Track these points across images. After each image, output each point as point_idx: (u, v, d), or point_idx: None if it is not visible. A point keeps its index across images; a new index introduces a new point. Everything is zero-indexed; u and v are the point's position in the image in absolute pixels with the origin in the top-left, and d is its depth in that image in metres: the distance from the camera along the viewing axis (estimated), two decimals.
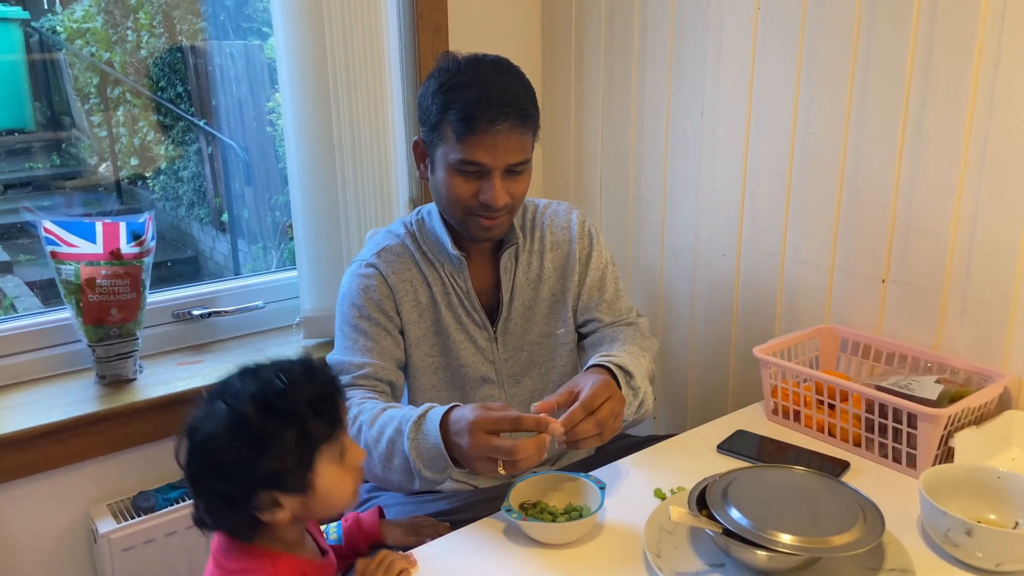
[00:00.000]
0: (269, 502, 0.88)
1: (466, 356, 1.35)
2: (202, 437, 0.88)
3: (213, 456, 0.87)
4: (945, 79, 1.30)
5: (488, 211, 1.24)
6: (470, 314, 1.35)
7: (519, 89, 1.24)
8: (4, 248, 2.24)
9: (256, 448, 0.86)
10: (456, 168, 1.23)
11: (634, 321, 1.45)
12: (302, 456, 0.89)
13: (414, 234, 1.36)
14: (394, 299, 1.32)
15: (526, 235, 1.39)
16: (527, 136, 1.24)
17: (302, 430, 0.88)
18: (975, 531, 0.96)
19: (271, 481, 0.87)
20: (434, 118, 1.23)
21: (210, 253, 2.59)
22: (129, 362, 1.64)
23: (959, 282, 1.34)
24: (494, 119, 1.18)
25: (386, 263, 1.33)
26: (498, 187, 1.22)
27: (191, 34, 2.23)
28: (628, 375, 1.23)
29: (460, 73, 1.22)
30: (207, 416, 0.89)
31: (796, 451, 1.28)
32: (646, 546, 0.99)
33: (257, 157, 2.31)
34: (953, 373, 1.32)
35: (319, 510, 0.93)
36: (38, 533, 1.57)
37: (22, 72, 2.22)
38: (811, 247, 1.55)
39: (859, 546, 0.92)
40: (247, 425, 0.87)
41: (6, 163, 2.31)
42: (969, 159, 1.29)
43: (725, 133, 1.66)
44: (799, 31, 1.49)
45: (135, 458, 1.63)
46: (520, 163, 1.24)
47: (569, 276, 1.40)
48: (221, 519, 0.91)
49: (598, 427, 1.10)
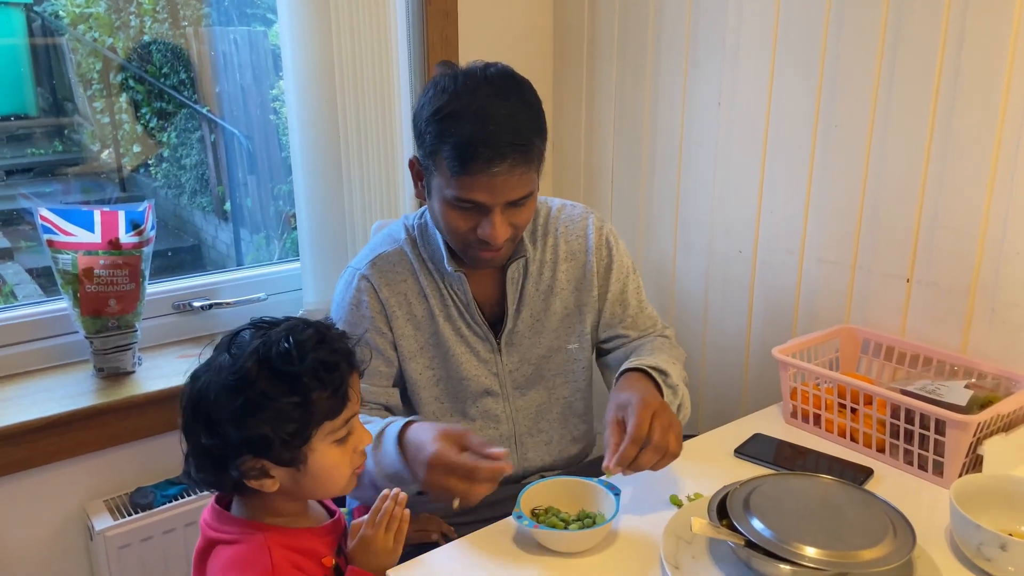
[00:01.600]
0: (256, 469, 0.85)
1: (467, 369, 1.28)
2: (199, 386, 0.85)
3: (205, 408, 0.84)
4: (978, 70, 1.25)
5: (487, 246, 1.16)
6: (471, 326, 1.28)
7: (522, 117, 1.12)
8: (5, 235, 2.21)
9: (250, 409, 0.82)
10: (451, 204, 1.14)
11: (661, 334, 1.38)
12: (299, 428, 0.84)
13: (415, 239, 1.28)
14: (385, 314, 1.25)
15: (537, 243, 1.31)
16: (530, 171, 1.13)
17: (303, 399, 0.84)
18: (1010, 545, 0.91)
19: (259, 447, 0.84)
20: (428, 145, 1.13)
21: (212, 242, 2.57)
22: (128, 354, 1.61)
23: (988, 283, 1.29)
24: (491, 159, 1.08)
25: (379, 273, 1.25)
26: (498, 224, 1.13)
27: (195, 20, 2.20)
28: (664, 374, 1.18)
29: (456, 97, 1.10)
30: (210, 365, 0.86)
31: (816, 456, 1.24)
32: (664, 557, 0.95)
33: (260, 145, 2.28)
34: (980, 377, 1.27)
35: (310, 489, 0.90)
36: (33, 530, 1.54)
37: (24, 57, 2.19)
38: (832, 244, 1.50)
39: (888, 561, 0.87)
40: (245, 383, 0.83)
41: (8, 149, 2.29)
42: (1001, 155, 1.24)
43: (743, 125, 1.61)
44: (823, 17, 1.43)
45: (133, 453, 1.60)
46: (523, 197, 1.14)
47: (586, 291, 1.32)
48: (205, 475, 0.87)
49: (659, 454, 1.04)
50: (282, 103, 2.16)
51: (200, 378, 0.86)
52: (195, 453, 0.87)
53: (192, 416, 0.86)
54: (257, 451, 0.84)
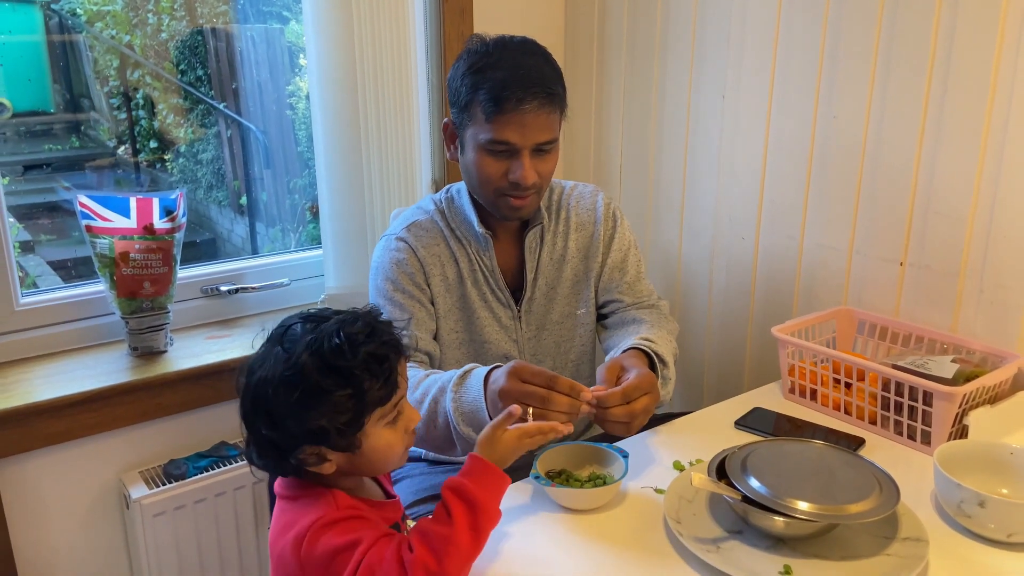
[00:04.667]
0: (315, 455, 0.88)
1: (490, 333, 1.38)
2: (257, 379, 0.87)
3: (265, 401, 0.87)
4: (966, 65, 1.32)
5: (517, 190, 1.27)
6: (495, 292, 1.38)
7: (547, 69, 1.26)
8: (26, 228, 2.27)
9: (307, 403, 0.85)
10: (486, 148, 1.26)
11: (655, 304, 1.48)
12: (353, 417, 0.87)
13: (443, 211, 1.39)
14: (424, 272, 1.35)
15: (551, 216, 1.42)
16: (555, 115, 1.27)
17: (356, 391, 0.87)
18: (988, 502, 0.99)
19: (317, 437, 0.87)
20: (463, 99, 1.26)
21: (228, 235, 2.61)
22: (160, 334, 1.69)
23: (976, 265, 1.36)
24: (523, 99, 1.21)
25: (415, 237, 1.36)
26: (527, 166, 1.25)
27: (212, 17, 2.25)
28: (664, 364, 1.27)
29: (488, 55, 1.25)
30: (265, 358, 0.88)
31: (812, 428, 1.31)
32: (666, 513, 1.03)
33: (276, 140, 2.32)
34: (969, 354, 1.34)
35: (365, 468, 0.93)
36: (73, 498, 1.62)
37: (42, 54, 2.22)
38: (830, 230, 1.57)
39: (875, 514, 0.95)
40: (301, 378, 0.85)
41: (26, 144, 2.32)
42: (989, 144, 1.31)
43: (746, 116, 1.68)
44: (823, 15, 1.50)
45: (166, 427, 1.68)
46: (548, 142, 1.27)
47: (592, 257, 1.43)
48: (267, 461, 0.91)
49: (629, 416, 1.12)
50: (298, 99, 2.22)
51: (256, 371, 0.88)
52: (257, 442, 0.90)
53: (252, 409, 0.88)
54: (315, 440, 0.87)
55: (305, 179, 2.28)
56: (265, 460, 0.91)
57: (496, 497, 0.92)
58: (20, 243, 1.86)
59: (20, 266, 1.64)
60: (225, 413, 1.73)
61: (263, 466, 0.92)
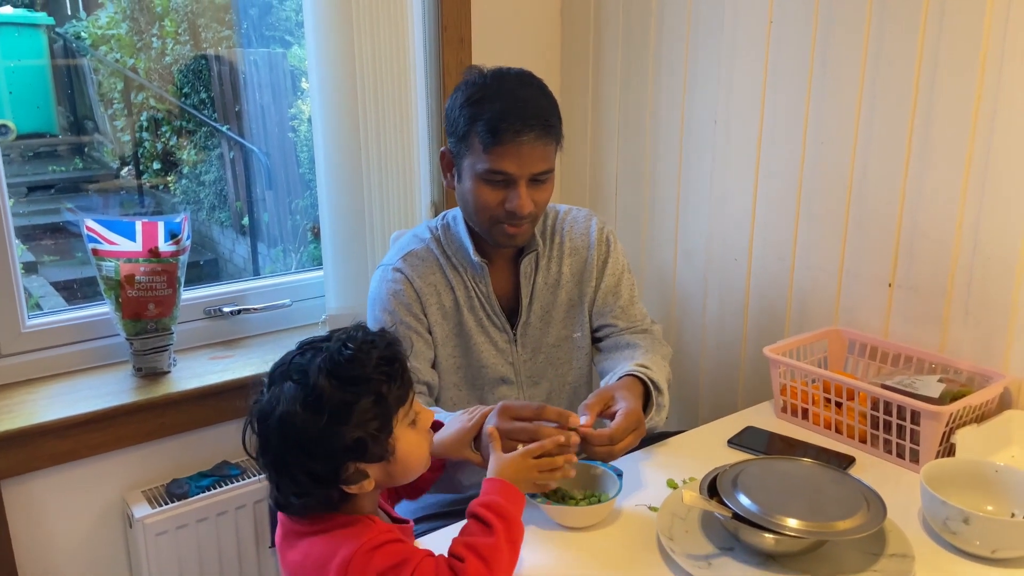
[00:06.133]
0: (356, 473, 0.89)
1: (487, 357, 1.41)
2: (278, 418, 0.87)
3: (295, 435, 0.87)
4: (950, 92, 1.36)
5: (513, 219, 1.30)
6: (491, 317, 1.41)
7: (543, 101, 1.30)
8: (29, 249, 2.29)
9: (338, 419, 0.86)
10: (483, 177, 1.28)
11: (648, 328, 1.50)
12: (382, 422, 0.89)
13: (439, 239, 1.42)
14: (420, 302, 1.38)
15: (546, 241, 1.45)
16: (551, 146, 1.30)
17: (378, 395, 0.89)
18: (972, 519, 1.01)
19: (356, 451, 0.88)
20: (461, 129, 1.29)
21: (230, 256, 2.62)
22: (164, 355, 1.72)
23: (962, 287, 1.39)
24: (520, 130, 1.24)
25: (411, 267, 1.39)
26: (523, 195, 1.28)
27: (215, 42, 2.27)
28: (659, 391, 1.29)
29: (486, 87, 1.28)
30: (276, 399, 0.88)
31: (804, 446, 1.34)
32: (659, 530, 1.05)
33: (279, 162, 2.35)
34: (956, 373, 1.37)
35: (399, 475, 0.95)
36: (77, 516, 1.64)
37: (47, 77, 2.25)
38: (820, 252, 1.61)
39: (862, 531, 0.97)
40: (325, 398, 0.86)
41: (30, 166, 2.34)
42: (972, 169, 1.35)
43: (738, 141, 1.72)
44: (810, 45, 1.55)
45: (169, 447, 1.71)
46: (544, 172, 1.29)
47: (586, 281, 1.46)
48: (310, 498, 0.90)
49: (609, 456, 1.15)
50: (300, 121, 2.26)
51: (271, 414, 0.88)
52: (296, 482, 0.88)
53: (283, 449, 0.88)
54: (354, 456, 0.88)
55: (307, 200, 2.30)
56: (307, 498, 0.90)
57: (520, 512, 0.98)
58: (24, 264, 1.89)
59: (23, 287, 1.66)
60: (227, 433, 1.75)
61: (304, 506, 0.91)
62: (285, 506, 0.92)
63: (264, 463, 0.90)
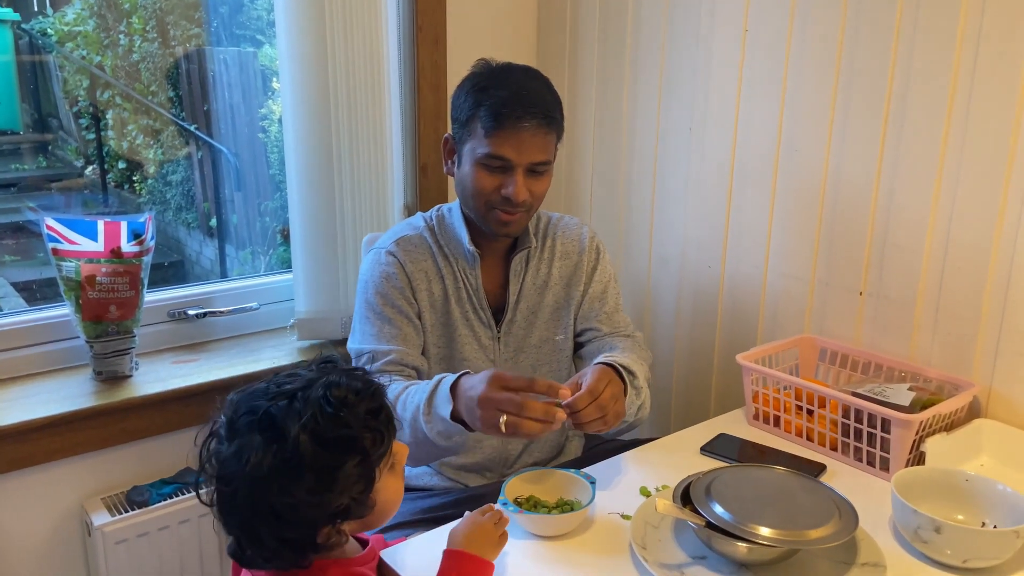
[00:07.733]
0: (332, 533, 0.81)
1: (469, 351, 1.40)
2: (249, 480, 0.76)
3: (267, 500, 0.76)
4: (921, 104, 1.37)
5: (508, 205, 1.31)
6: (477, 312, 1.41)
7: (547, 94, 1.33)
8: None
9: (322, 486, 0.77)
10: (482, 162, 1.30)
11: (631, 334, 1.50)
12: (367, 482, 0.81)
13: (432, 228, 1.43)
14: (411, 286, 1.38)
15: (539, 241, 1.46)
16: (551, 138, 1.32)
17: (362, 455, 0.80)
18: (944, 528, 1.01)
19: (338, 515, 0.80)
20: (465, 115, 1.31)
21: (196, 258, 2.58)
22: (126, 359, 1.67)
23: (932, 296, 1.40)
24: (521, 117, 1.26)
25: (404, 251, 1.39)
26: (520, 183, 1.29)
27: (184, 39, 2.24)
28: (632, 375, 1.29)
29: (493, 75, 1.32)
30: (243, 454, 0.77)
31: (775, 454, 1.34)
32: (632, 538, 1.04)
33: (248, 163, 2.31)
34: (925, 382, 1.38)
35: (376, 523, 0.88)
36: (34, 524, 1.59)
37: (11, 73, 2.22)
38: (793, 260, 1.61)
39: (834, 540, 0.97)
40: (303, 463, 0.76)
41: None
42: (943, 179, 1.36)
43: (712, 149, 1.72)
44: (784, 54, 1.55)
45: (130, 453, 1.66)
46: (542, 163, 1.31)
47: (575, 285, 1.47)
48: (280, 561, 0.82)
49: (600, 410, 1.14)
50: (270, 122, 2.22)
51: (236, 473, 0.77)
52: (264, 547, 0.79)
53: (251, 512, 0.78)
54: (334, 520, 0.81)
55: (276, 202, 2.27)
56: (278, 560, 0.81)
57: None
58: None
59: None
60: (190, 439, 1.64)
61: (267, 565, 0.82)
62: (246, 563, 0.83)
63: (226, 523, 0.80)
